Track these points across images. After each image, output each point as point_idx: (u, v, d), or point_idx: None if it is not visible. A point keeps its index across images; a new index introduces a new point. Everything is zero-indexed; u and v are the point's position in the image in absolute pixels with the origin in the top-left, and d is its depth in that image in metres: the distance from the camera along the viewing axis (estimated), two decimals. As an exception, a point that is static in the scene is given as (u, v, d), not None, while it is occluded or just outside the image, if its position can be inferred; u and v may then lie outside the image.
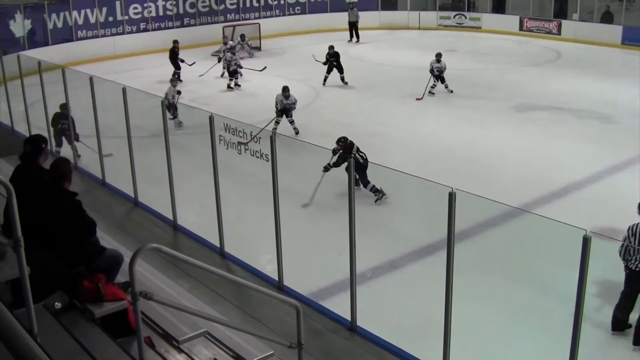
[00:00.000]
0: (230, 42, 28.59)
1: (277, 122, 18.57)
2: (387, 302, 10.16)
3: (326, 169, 13.62)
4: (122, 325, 6.04)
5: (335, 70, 25.00)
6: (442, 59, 23.14)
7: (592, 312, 9.09)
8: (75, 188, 6.95)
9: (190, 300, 7.48)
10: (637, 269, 8.64)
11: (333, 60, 25.05)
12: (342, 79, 25.04)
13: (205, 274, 9.13)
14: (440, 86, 23.33)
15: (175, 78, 21.53)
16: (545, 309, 9.05)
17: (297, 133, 18.55)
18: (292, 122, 18.68)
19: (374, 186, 13.68)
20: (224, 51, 26.81)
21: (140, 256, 5.01)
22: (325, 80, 25.12)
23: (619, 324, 9.05)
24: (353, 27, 35.57)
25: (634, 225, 8.76)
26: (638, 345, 8.76)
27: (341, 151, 13.62)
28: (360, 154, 13.92)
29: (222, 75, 26.04)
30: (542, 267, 9.14)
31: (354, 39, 35.32)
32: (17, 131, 17.09)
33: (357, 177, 13.50)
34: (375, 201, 13.66)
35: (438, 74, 23.23)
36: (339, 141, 14.01)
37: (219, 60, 26.84)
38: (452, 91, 23.40)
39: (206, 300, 8.70)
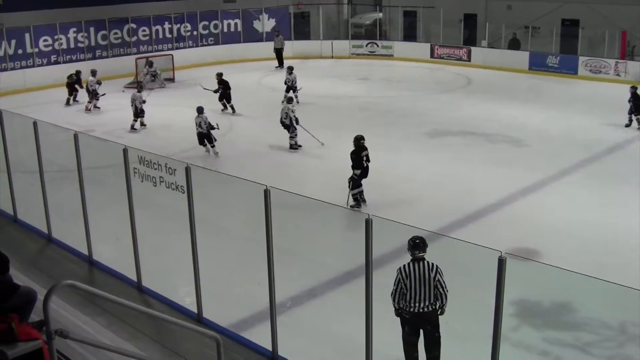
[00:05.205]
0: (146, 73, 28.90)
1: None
2: (308, 330, 10.17)
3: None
4: (37, 365, 5.89)
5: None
6: (294, 71, 26.51)
7: (510, 332, 9.27)
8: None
9: (108, 337, 7.38)
10: (420, 310, 8.34)
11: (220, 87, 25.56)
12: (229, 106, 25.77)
13: (123, 310, 8.98)
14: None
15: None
16: (464, 330, 9.17)
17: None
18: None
19: (360, 193, 13.93)
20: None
21: (55, 293, 4.92)
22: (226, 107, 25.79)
23: None
24: (279, 53, 35.88)
25: (403, 266, 8.36)
26: None
27: (353, 149, 14.84)
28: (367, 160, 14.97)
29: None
30: (459, 289, 9.26)
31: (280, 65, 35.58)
32: None
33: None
34: (350, 206, 14.03)
35: (290, 85, 26.20)
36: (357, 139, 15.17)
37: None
38: (298, 102, 24.95)
39: (125, 336, 8.57)
